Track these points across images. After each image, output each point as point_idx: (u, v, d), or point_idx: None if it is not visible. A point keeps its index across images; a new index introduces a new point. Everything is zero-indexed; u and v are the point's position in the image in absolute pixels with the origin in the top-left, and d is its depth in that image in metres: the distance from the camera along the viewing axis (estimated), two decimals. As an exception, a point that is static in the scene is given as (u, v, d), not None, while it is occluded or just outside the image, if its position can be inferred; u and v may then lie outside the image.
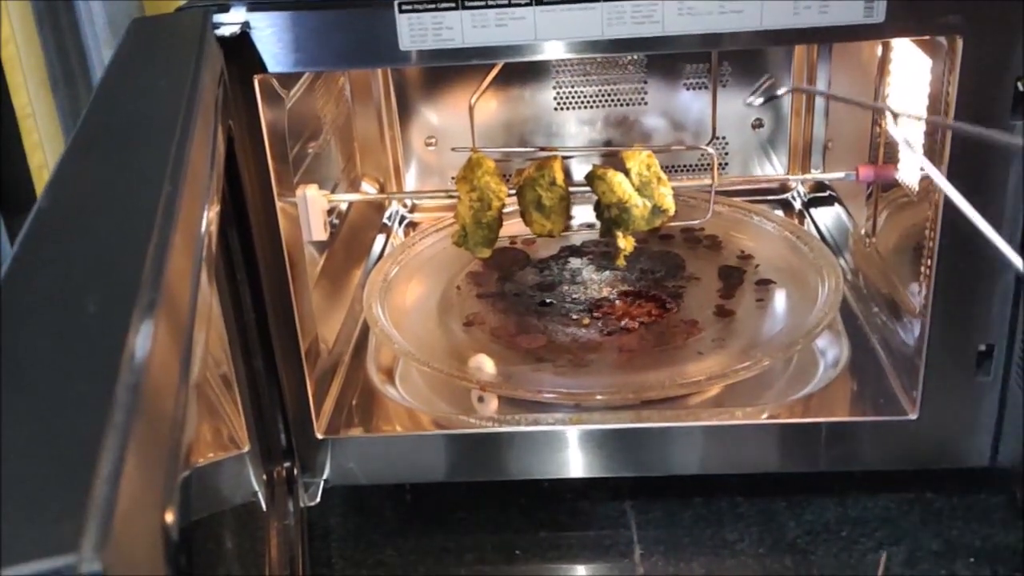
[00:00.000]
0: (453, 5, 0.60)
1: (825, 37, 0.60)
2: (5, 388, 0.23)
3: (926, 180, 0.69)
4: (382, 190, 1.08)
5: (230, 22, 0.60)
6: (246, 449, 0.68)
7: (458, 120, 1.03)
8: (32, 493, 0.20)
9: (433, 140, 1.07)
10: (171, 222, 0.32)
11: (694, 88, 1.03)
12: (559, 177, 0.83)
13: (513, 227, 0.92)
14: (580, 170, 1.00)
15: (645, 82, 1.03)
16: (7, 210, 1.16)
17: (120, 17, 1.15)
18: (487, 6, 0.59)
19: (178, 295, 0.30)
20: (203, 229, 0.38)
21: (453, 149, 0.92)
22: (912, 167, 0.74)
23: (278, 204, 0.66)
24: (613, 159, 0.87)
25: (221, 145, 0.52)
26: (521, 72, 1.03)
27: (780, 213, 1.04)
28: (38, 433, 0.22)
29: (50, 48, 1.15)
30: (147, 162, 0.35)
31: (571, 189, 0.84)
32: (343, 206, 0.97)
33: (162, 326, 0.27)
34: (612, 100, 1.04)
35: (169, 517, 0.23)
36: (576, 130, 1.06)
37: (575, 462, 0.74)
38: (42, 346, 0.25)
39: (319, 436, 0.73)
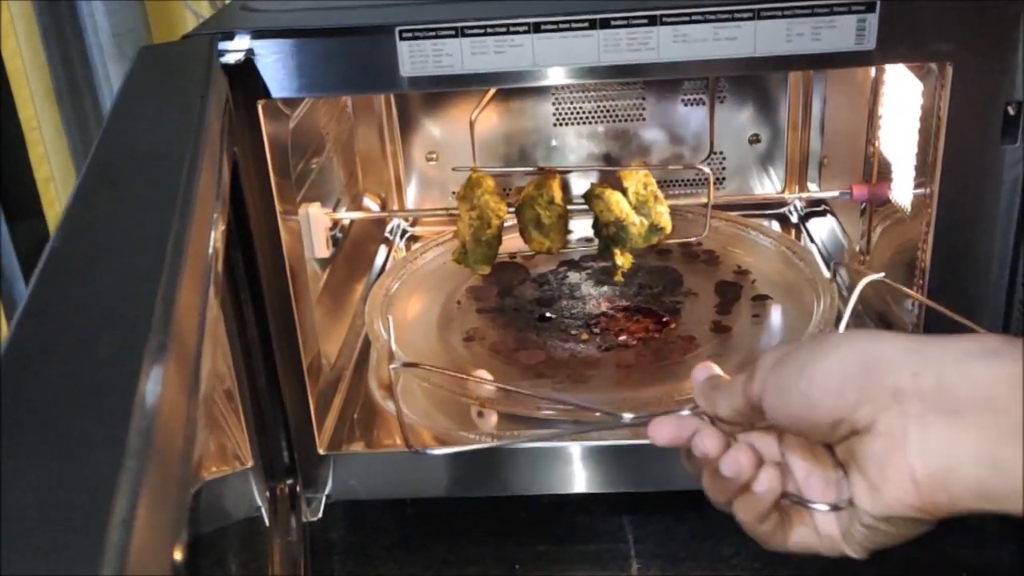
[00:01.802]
0: (453, 33, 0.61)
1: (817, 63, 0.61)
2: (23, 432, 0.24)
3: (919, 198, 0.71)
4: (384, 205, 1.09)
5: (235, 49, 0.61)
6: (249, 465, 0.69)
7: (459, 135, 1.05)
8: (49, 537, 0.21)
9: (434, 155, 1.08)
10: (180, 260, 0.33)
11: (692, 104, 1.04)
12: (557, 196, 0.84)
13: (513, 243, 0.93)
14: (579, 184, 1.01)
15: (643, 98, 1.04)
16: (13, 221, 1.17)
17: (124, 30, 1.16)
18: (486, 34, 0.61)
19: (186, 333, 0.31)
20: (210, 259, 0.39)
21: (454, 169, 0.94)
22: (904, 186, 0.75)
23: (281, 223, 0.67)
24: (611, 177, 0.89)
25: (227, 171, 0.53)
26: (521, 89, 1.04)
27: (777, 227, 1.05)
28: (55, 478, 0.23)
29: (55, 61, 1.16)
30: (157, 198, 0.37)
31: (569, 207, 0.86)
32: (345, 221, 0.98)
33: (172, 366, 0.28)
34: (610, 116, 1.05)
35: (178, 554, 0.24)
36: (575, 144, 1.07)
37: (574, 478, 0.75)
38: (57, 390, 0.26)
39: (321, 452, 0.74)
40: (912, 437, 0.39)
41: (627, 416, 0.62)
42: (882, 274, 0.69)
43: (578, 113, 1.05)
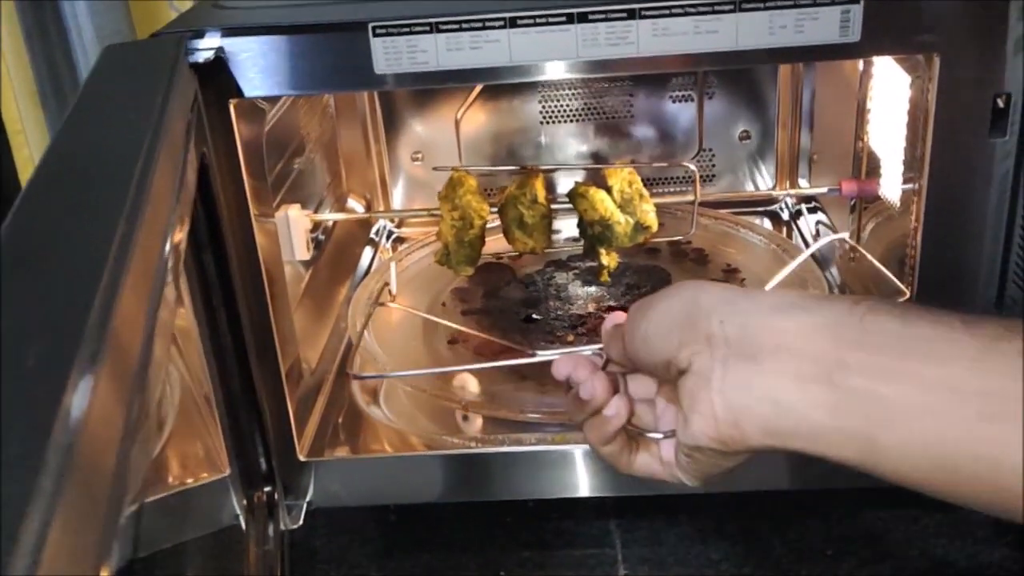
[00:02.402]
0: (427, 29, 0.59)
1: (801, 56, 0.60)
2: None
3: (907, 194, 0.69)
4: (369, 206, 1.08)
5: (205, 48, 0.60)
6: (227, 473, 0.68)
7: (444, 135, 1.03)
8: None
9: (419, 155, 1.07)
10: (123, 265, 0.31)
11: (681, 100, 1.03)
12: (541, 195, 0.82)
13: (499, 243, 0.91)
14: (566, 183, 1.00)
15: (631, 95, 1.02)
16: (0, 223, 1.15)
17: (108, 31, 1.15)
18: (461, 29, 0.59)
19: (128, 341, 0.30)
20: (163, 264, 0.38)
21: (435, 168, 0.92)
22: (893, 181, 0.73)
23: (255, 225, 0.65)
24: (597, 176, 0.87)
25: (192, 173, 0.52)
26: (506, 86, 1.02)
27: (768, 224, 1.04)
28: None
29: (39, 63, 1.15)
30: (105, 202, 0.35)
31: (554, 206, 0.84)
32: (329, 222, 0.97)
33: (106, 377, 0.27)
34: (598, 113, 1.04)
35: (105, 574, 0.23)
36: (563, 143, 1.05)
37: (560, 481, 0.73)
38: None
39: (301, 458, 0.72)
40: (716, 377, 0.43)
41: (541, 353, 0.71)
42: (846, 234, 0.76)
43: (565, 111, 1.04)
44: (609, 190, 0.82)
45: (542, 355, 0.70)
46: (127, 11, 1.17)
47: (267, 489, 0.69)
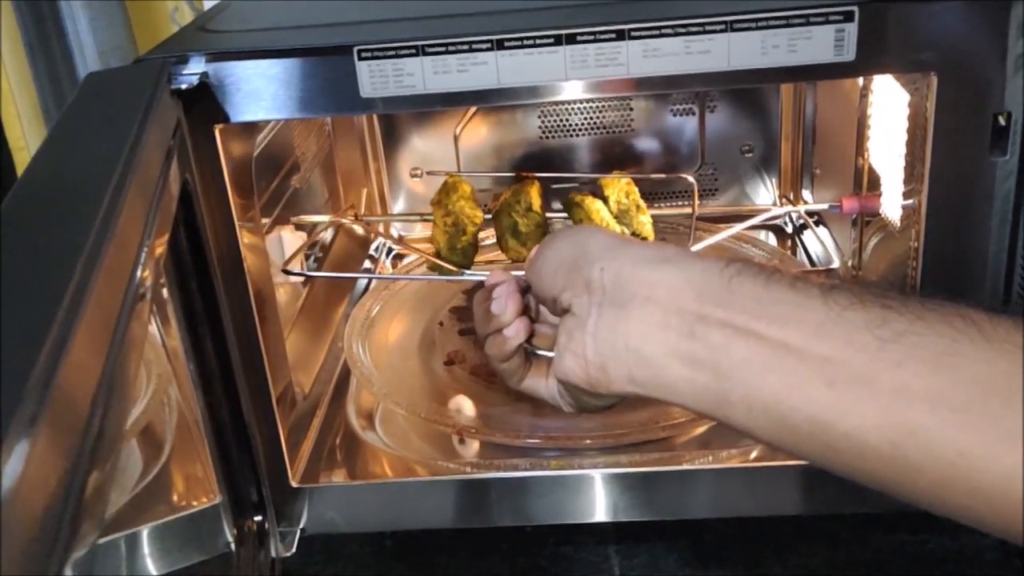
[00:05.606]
0: (413, 52, 0.58)
1: (795, 76, 0.58)
2: None
3: (908, 212, 0.68)
4: (367, 224, 1.07)
5: (189, 73, 0.59)
6: (217, 500, 0.67)
7: (444, 150, 1.02)
8: None
9: (419, 171, 1.05)
10: (77, 312, 0.30)
11: (682, 114, 1.02)
12: (536, 203, 0.81)
13: (492, 253, 0.90)
14: (562, 194, 0.98)
15: (631, 110, 1.01)
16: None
17: (110, 48, 1.15)
18: (447, 52, 0.58)
19: (76, 398, 0.28)
20: (127, 304, 0.37)
21: (429, 173, 0.91)
22: (894, 199, 0.72)
23: (243, 248, 0.64)
24: (592, 185, 0.86)
25: (170, 201, 0.51)
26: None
27: (772, 239, 1.02)
28: None
29: (42, 80, 1.15)
30: (66, 242, 0.34)
31: (550, 215, 0.83)
32: (327, 239, 0.96)
33: (45, 440, 0.25)
34: (599, 128, 1.02)
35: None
36: (563, 158, 1.04)
37: (558, 507, 0.72)
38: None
39: (294, 485, 0.71)
40: (591, 322, 0.46)
41: (469, 273, 0.78)
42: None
43: (565, 126, 1.02)
44: (606, 200, 0.81)
45: (470, 275, 0.77)
46: (129, 27, 1.17)
47: (258, 518, 0.68)
